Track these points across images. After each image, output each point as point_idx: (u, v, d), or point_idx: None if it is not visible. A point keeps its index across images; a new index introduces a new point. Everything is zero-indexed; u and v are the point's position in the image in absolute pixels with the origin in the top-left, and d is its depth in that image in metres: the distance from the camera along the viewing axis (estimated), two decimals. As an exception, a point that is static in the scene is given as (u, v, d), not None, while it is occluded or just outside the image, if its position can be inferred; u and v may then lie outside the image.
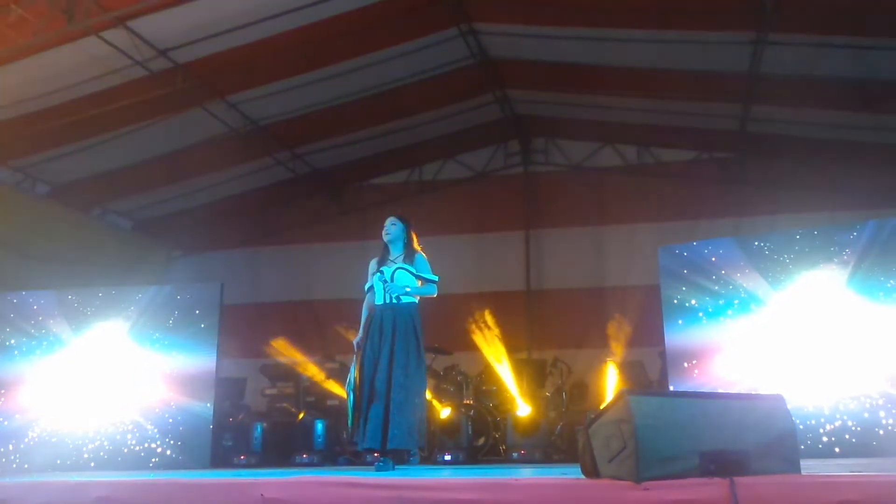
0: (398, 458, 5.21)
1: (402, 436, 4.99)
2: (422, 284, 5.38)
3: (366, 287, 5.48)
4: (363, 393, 5.14)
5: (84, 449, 8.13)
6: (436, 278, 5.41)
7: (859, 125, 8.90)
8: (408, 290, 5.29)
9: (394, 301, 5.27)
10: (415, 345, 5.24)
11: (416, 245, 5.49)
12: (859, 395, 6.62)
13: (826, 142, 9.37)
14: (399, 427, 4.98)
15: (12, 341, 8.55)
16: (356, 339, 5.39)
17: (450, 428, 8.11)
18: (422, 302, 5.46)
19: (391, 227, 5.46)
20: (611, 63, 8.79)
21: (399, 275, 5.31)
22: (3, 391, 8.42)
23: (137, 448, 8.07)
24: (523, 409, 8.25)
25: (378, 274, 5.36)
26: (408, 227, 5.50)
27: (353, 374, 5.29)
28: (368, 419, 5.03)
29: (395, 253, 5.45)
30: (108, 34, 7.26)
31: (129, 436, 8.15)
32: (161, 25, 7.36)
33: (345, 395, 5.39)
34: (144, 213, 11.16)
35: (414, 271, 5.35)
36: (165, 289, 8.81)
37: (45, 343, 8.54)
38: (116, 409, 8.25)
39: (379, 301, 5.32)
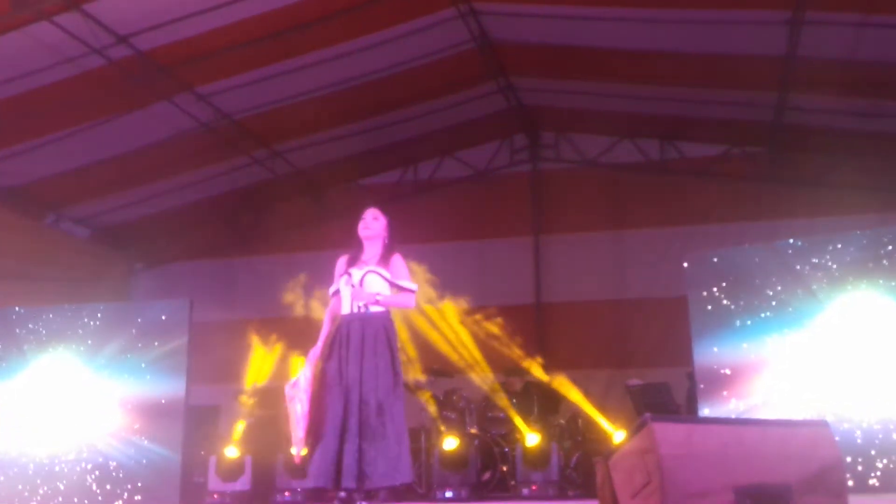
0: (394, 495, 5.07)
1: (385, 472, 4.70)
2: (396, 293, 5.12)
3: (330, 291, 5.24)
4: (328, 420, 4.80)
5: (38, 485, 8.11)
6: (414, 287, 5.16)
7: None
8: (378, 298, 5.03)
9: (362, 310, 5.02)
10: (388, 361, 4.94)
11: (396, 247, 5.25)
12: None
13: (871, 134, 9.38)
14: (377, 463, 4.69)
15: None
16: (312, 350, 5.09)
17: (452, 460, 8.09)
18: (403, 312, 5.30)
19: (373, 222, 5.23)
20: (629, 47, 8.80)
21: (369, 279, 5.06)
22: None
23: (96, 488, 8.04)
24: (534, 438, 8.23)
25: (345, 276, 5.10)
26: (390, 225, 5.29)
27: (302, 383, 4.95)
28: (343, 453, 4.70)
29: (370, 252, 5.22)
30: (60, 18, 7.24)
31: (86, 474, 8.13)
32: (121, 8, 7.34)
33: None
34: (104, 220, 11.15)
35: (388, 276, 5.09)
36: (127, 306, 8.81)
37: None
38: (71, 445, 8.23)
39: (345, 310, 5.04)
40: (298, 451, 4.97)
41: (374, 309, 5.03)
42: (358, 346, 4.93)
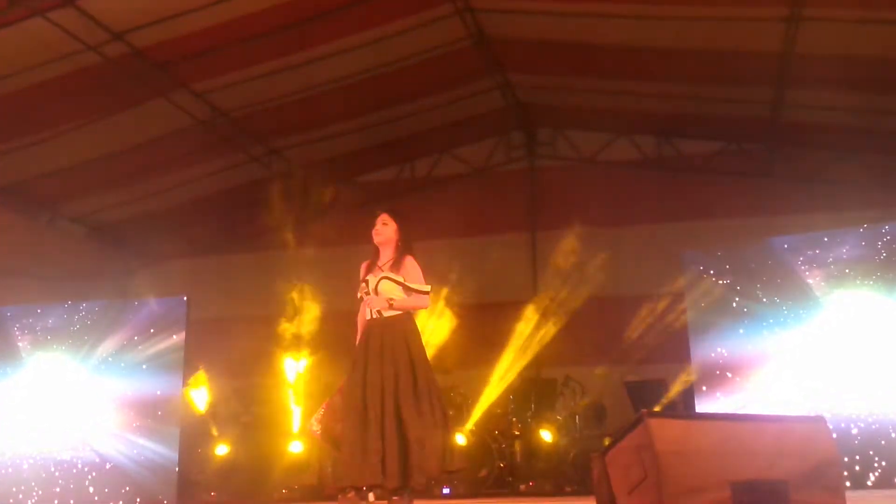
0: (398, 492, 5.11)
1: (430, 466, 4.83)
2: (409, 295, 5.21)
3: (358, 296, 5.33)
4: (351, 423, 4.98)
5: (33, 486, 8.09)
6: (427, 288, 5.25)
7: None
8: (392, 303, 5.13)
9: (380, 316, 5.15)
10: (408, 366, 5.07)
11: (408, 249, 5.32)
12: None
13: (869, 131, 9.37)
14: (424, 456, 4.82)
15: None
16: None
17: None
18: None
19: (382, 228, 5.29)
20: (626, 43, 8.78)
21: (383, 286, 5.16)
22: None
23: (93, 490, 8.01)
24: (531, 435, 8.23)
25: (363, 285, 5.24)
26: (402, 227, 5.34)
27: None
28: (367, 452, 4.83)
29: (385, 257, 5.31)
30: (55, 14, 7.21)
31: (82, 474, 8.11)
32: (115, 5, 7.32)
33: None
34: (101, 218, 11.12)
35: (401, 280, 5.18)
36: (124, 304, 8.79)
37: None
38: (68, 442, 8.22)
39: (367, 316, 5.21)
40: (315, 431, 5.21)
41: (392, 313, 5.15)
42: (378, 350, 5.09)
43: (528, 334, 10.20)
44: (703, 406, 7.36)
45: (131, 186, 10.44)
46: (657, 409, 8.18)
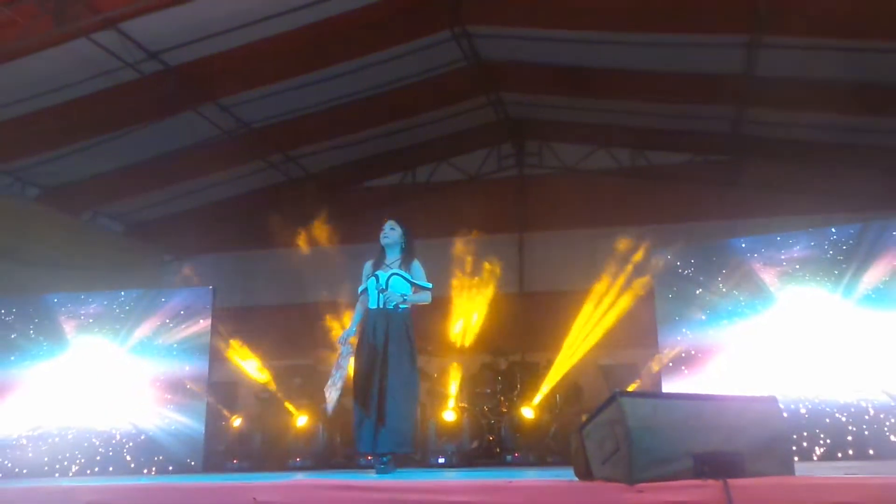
0: (397, 460, 5.24)
1: (396, 441, 5.03)
2: (416, 292, 5.36)
3: (359, 289, 5.46)
4: (358, 398, 5.16)
5: (77, 455, 8.10)
6: (430, 286, 5.40)
7: (856, 128, 8.93)
8: (404, 298, 5.27)
9: (388, 307, 5.26)
10: (408, 350, 5.23)
11: (413, 252, 5.47)
12: (857, 401, 6.64)
13: (822, 144, 9.40)
14: (392, 433, 5.01)
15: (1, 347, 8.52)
16: (342, 335, 5.38)
17: (444, 431, 8.11)
18: (415, 305, 5.45)
19: (390, 231, 5.45)
20: (604, 65, 8.80)
21: (394, 281, 5.29)
22: (-7, 396, 8.39)
23: (128, 457, 8.03)
24: (517, 412, 8.25)
25: (373, 278, 5.34)
26: (407, 233, 5.49)
27: (344, 352, 5.31)
28: (363, 425, 5.06)
29: (392, 257, 5.42)
30: (98, 36, 7.23)
31: (120, 445, 8.12)
32: (152, 27, 7.33)
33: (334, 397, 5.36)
34: (136, 217, 11.13)
35: (410, 278, 5.33)
36: (157, 293, 8.79)
37: (35, 349, 8.50)
38: (108, 416, 8.23)
39: (373, 305, 5.30)
40: (330, 409, 5.31)
41: (399, 306, 5.27)
42: (382, 338, 5.18)
43: (515, 323, 10.23)
44: (669, 387, 7.38)
45: (163, 189, 10.45)
46: (629, 389, 8.20)
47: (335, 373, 5.28)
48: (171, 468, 7.87)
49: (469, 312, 9.56)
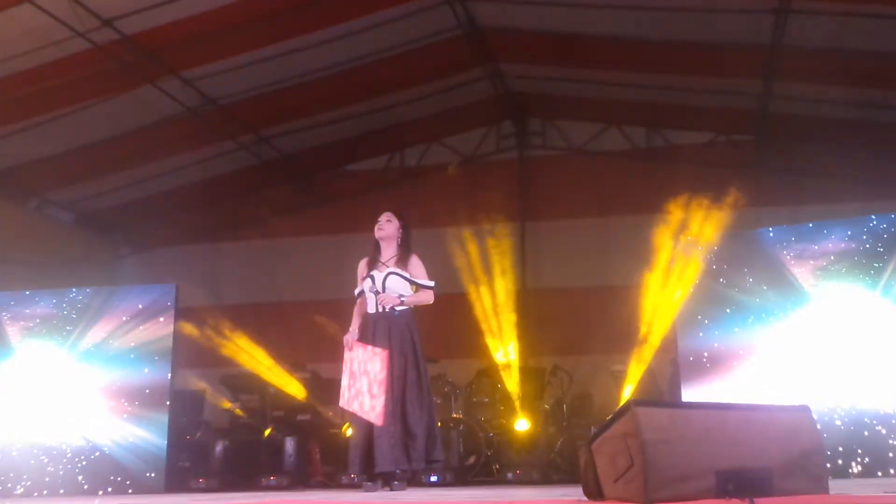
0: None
1: (421, 454, 5.16)
2: (416, 291, 5.38)
3: (356, 292, 5.50)
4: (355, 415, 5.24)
5: (22, 475, 8.06)
6: (432, 284, 5.43)
7: (894, 105, 8.95)
8: (402, 299, 5.29)
9: (387, 310, 5.30)
10: (413, 359, 5.31)
11: (411, 247, 5.50)
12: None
13: (856, 124, 9.41)
14: (421, 444, 5.14)
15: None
16: (347, 335, 5.41)
17: (436, 445, 8.12)
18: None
19: (386, 224, 5.46)
20: (617, 33, 8.79)
21: (391, 281, 5.31)
22: None
23: (82, 479, 7.99)
24: (519, 423, 8.26)
25: (368, 280, 5.35)
26: (405, 226, 5.51)
27: (354, 355, 5.37)
28: (368, 442, 5.10)
29: (388, 254, 5.43)
30: (44, 1, 7.18)
31: (71, 463, 8.08)
32: (105, -9, 7.30)
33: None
34: (89, 205, 11.09)
35: (408, 276, 5.34)
36: (113, 290, 8.76)
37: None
38: (57, 430, 8.19)
39: (371, 310, 5.34)
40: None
41: (399, 308, 5.33)
42: (384, 344, 5.22)
43: (516, 324, 10.23)
44: (689, 395, 7.39)
45: (119, 173, 10.40)
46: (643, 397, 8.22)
47: (346, 376, 5.39)
48: (130, 490, 7.86)
49: (464, 312, 9.56)
